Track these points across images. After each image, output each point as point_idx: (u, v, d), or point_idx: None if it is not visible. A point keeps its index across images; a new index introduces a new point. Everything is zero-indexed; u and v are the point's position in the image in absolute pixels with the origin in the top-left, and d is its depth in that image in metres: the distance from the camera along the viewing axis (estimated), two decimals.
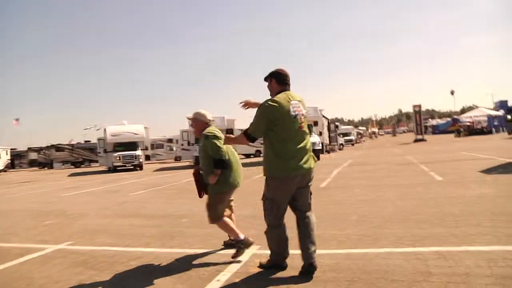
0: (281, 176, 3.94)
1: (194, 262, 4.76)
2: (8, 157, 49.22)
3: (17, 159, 56.85)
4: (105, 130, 31.35)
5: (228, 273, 4.20)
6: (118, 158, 29.09)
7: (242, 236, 4.83)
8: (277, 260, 4.14)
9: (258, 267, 4.23)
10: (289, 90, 4.14)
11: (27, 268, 5.09)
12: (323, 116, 29.92)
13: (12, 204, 13.00)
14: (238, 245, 4.80)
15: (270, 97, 4.05)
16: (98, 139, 34.01)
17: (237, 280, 4.00)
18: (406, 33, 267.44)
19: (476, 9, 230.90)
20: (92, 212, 9.60)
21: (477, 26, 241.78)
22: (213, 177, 4.78)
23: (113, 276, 4.48)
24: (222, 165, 4.80)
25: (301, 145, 4.02)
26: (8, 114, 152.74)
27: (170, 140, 48.56)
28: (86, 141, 55.18)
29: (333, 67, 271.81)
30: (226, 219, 4.97)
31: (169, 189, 13.86)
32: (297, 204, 4.17)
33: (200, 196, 5.14)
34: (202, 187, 5.08)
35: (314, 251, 3.95)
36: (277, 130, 3.91)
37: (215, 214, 4.91)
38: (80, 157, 50.67)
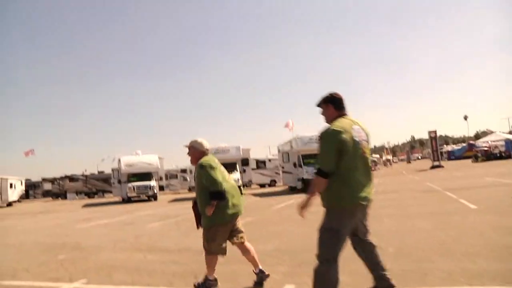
0: (347, 206, 3.52)
1: None
2: (23, 187, 49.07)
3: (31, 190, 56.80)
4: (119, 160, 31.07)
5: None
6: (132, 188, 28.73)
7: (212, 277, 4.88)
8: None
9: None
10: (347, 114, 3.77)
11: None
12: None
13: (24, 236, 12.52)
14: (206, 282, 4.85)
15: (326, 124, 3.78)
16: (112, 170, 33.77)
17: None
18: (416, 59, 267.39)
19: (487, 33, 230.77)
20: (108, 246, 9.14)
21: (487, 51, 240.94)
22: (209, 209, 4.62)
23: None
24: (219, 196, 4.64)
25: (365, 173, 3.66)
26: (26, 145, 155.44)
27: (183, 171, 48.25)
28: (99, 172, 55.16)
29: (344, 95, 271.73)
30: (216, 258, 4.89)
31: (186, 221, 13.32)
32: (356, 231, 3.89)
33: (198, 227, 5.04)
34: (199, 218, 4.97)
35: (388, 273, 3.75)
36: (342, 158, 3.51)
37: (209, 247, 4.80)
38: (94, 187, 50.53)
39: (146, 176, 29.70)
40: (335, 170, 3.50)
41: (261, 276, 4.93)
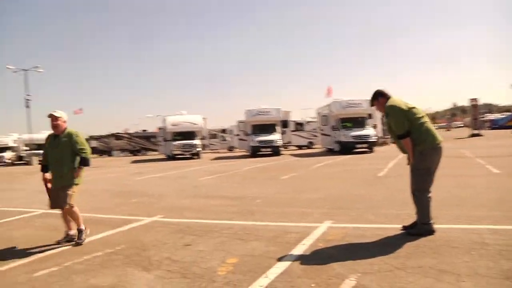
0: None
1: (278, 232, 5.59)
2: None
3: None
4: (165, 119, 32.84)
5: (310, 240, 5.03)
6: (177, 146, 30.55)
7: (72, 232, 5.83)
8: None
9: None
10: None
11: (135, 233, 6.11)
12: None
13: (91, 186, 14.04)
14: (81, 233, 5.74)
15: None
16: (159, 128, 35.62)
17: (320, 244, 4.83)
18: (462, 25, 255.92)
19: None
20: (171, 194, 10.67)
21: None
22: (80, 172, 5.78)
23: (213, 240, 5.38)
24: (89, 162, 5.84)
25: None
26: (74, 104, 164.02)
27: (223, 131, 49.72)
28: (143, 130, 57.43)
29: (385, 56, 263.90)
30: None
31: (234, 176, 14.89)
32: None
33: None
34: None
35: None
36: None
37: (71, 202, 5.69)
38: (138, 145, 52.76)
39: (191, 135, 31.28)
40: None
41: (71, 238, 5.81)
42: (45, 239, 5.73)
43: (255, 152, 28.47)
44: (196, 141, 31.09)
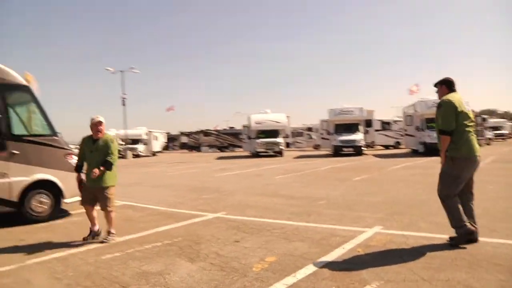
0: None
1: (324, 234, 5.80)
2: (165, 140, 54.78)
3: (170, 142, 62.28)
4: (249, 118, 33.68)
5: (352, 244, 5.18)
6: (261, 144, 31.24)
7: (96, 228, 6.19)
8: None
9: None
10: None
11: (195, 228, 6.66)
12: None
13: (175, 180, 15.37)
14: (97, 233, 6.17)
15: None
16: (243, 126, 36.64)
17: (359, 249, 4.96)
18: None
19: None
20: (241, 191, 11.22)
21: None
22: (98, 172, 5.89)
23: (261, 238, 5.73)
24: (111, 167, 6.04)
25: None
26: (165, 102, 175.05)
27: (309, 129, 49.73)
28: (230, 127, 59.16)
29: (477, 49, 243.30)
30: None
31: (308, 175, 15.08)
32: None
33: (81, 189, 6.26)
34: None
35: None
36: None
37: (112, 204, 6.06)
38: (225, 142, 54.45)
39: (274, 133, 31.80)
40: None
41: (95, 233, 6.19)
42: (117, 228, 6.36)
43: (337, 151, 28.37)
44: (279, 139, 31.51)
